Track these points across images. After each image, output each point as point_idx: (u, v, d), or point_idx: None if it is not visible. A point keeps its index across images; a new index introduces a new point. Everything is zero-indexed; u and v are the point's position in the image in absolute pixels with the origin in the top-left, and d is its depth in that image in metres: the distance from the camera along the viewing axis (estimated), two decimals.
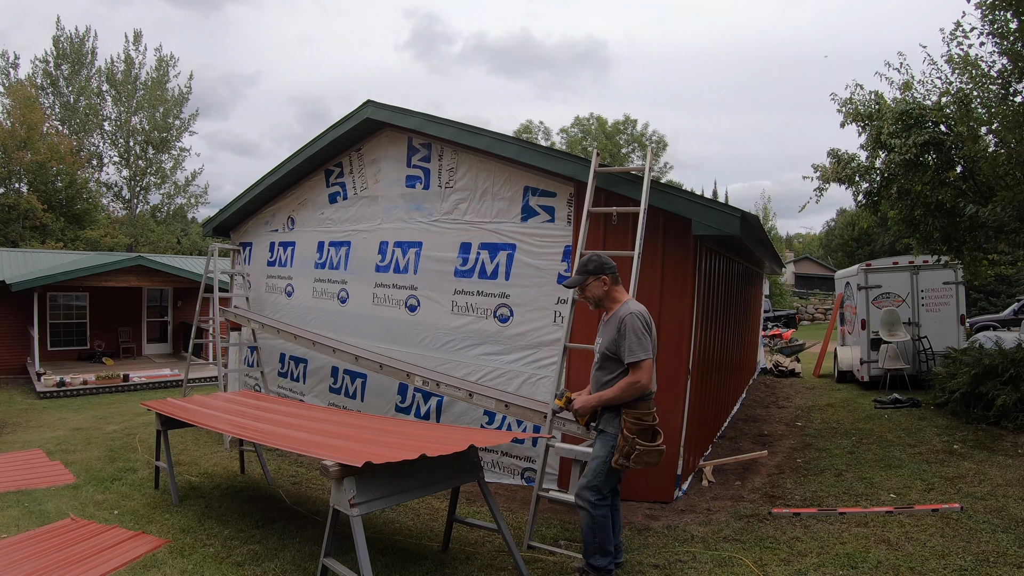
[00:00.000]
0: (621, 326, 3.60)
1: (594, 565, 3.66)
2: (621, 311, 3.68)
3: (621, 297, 3.80)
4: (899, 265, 10.67)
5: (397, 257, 6.63)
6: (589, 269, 3.78)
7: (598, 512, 3.61)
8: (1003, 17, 6.54)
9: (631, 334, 3.56)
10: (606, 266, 3.77)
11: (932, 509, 4.66)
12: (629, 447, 3.52)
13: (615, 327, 3.64)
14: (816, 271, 42.96)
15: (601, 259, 3.80)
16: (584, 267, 3.81)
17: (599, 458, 3.67)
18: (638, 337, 3.56)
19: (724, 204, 5.08)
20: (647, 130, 45.55)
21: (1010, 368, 7.18)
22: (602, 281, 3.76)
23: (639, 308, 3.70)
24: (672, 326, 5.12)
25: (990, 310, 22.31)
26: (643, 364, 3.55)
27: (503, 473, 5.75)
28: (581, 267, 3.84)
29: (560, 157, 5.64)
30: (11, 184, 25.66)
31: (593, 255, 3.87)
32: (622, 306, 3.73)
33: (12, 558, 4.15)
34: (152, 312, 16.94)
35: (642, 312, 3.68)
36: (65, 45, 29.95)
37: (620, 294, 3.82)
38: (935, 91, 7.48)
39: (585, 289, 3.81)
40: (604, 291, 3.78)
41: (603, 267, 3.76)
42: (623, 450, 3.55)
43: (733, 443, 7.12)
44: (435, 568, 3.96)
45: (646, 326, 3.64)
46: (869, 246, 34.82)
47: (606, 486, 3.65)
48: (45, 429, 8.93)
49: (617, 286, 3.81)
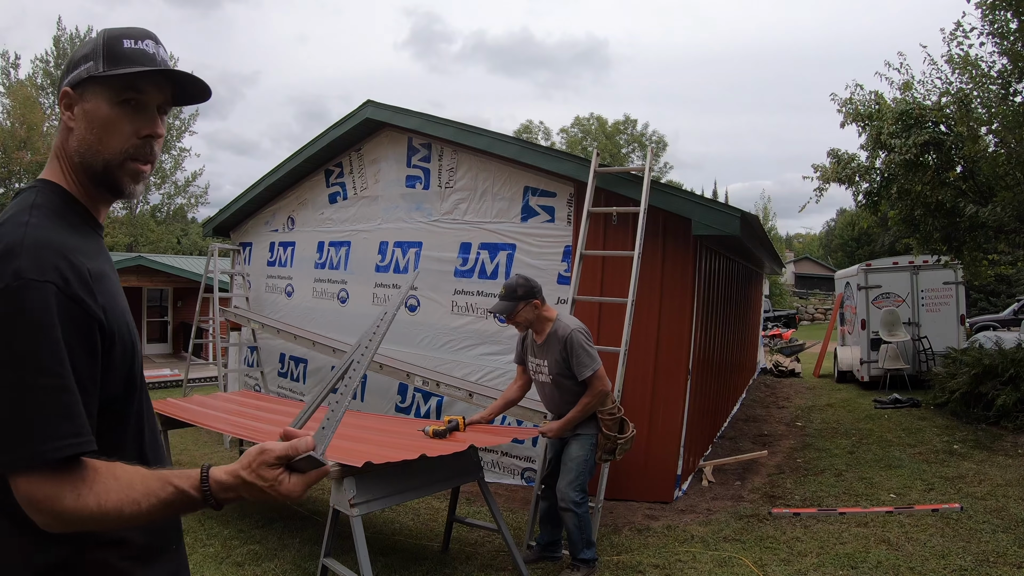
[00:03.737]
0: (565, 346, 3.62)
1: (584, 559, 3.75)
2: (559, 330, 3.68)
3: (551, 315, 3.78)
4: (899, 265, 10.66)
5: (397, 257, 6.63)
6: (519, 295, 3.67)
7: (582, 510, 3.70)
8: (1003, 17, 6.54)
9: (579, 351, 3.60)
10: (535, 289, 3.71)
11: (932, 509, 4.67)
12: (612, 443, 3.73)
13: (558, 348, 3.65)
14: (816, 271, 42.95)
15: (529, 282, 3.71)
16: (513, 293, 3.67)
17: (580, 458, 3.72)
18: (585, 351, 3.61)
19: (724, 204, 5.09)
20: (647, 130, 45.56)
21: (1010, 368, 7.18)
22: (533, 305, 3.70)
23: (576, 323, 3.74)
24: (672, 326, 5.12)
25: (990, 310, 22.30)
26: (598, 373, 3.62)
27: (503, 473, 5.75)
28: (509, 292, 3.69)
29: (560, 157, 5.64)
30: (11, 184, 25.67)
31: (519, 278, 3.75)
32: (556, 324, 3.72)
33: None
34: (152, 312, 16.94)
35: (578, 327, 3.71)
36: (66, 45, 29.92)
37: (550, 312, 3.80)
38: (935, 91, 7.48)
39: (516, 315, 3.70)
40: (536, 314, 3.73)
41: (532, 291, 3.69)
42: (605, 447, 3.74)
43: (733, 443, 7.12)
44: (435, 568, 3.96)
45: (587, 337, 3.69)
46: (869, 246, 34.79)
47: (586, 484, 3.78)
48: None
49: (545, 305, 3.78)
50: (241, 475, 1.01)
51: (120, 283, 1.18)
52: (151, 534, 1.13)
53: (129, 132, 1.12)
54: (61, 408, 0.94)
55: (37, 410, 0.93)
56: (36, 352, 0.94)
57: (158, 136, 1.16)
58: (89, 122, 1.11)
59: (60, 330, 0.96)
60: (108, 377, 1.05)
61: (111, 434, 1.08)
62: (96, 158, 1.12)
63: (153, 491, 0.99)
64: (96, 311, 1.02)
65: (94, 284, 1.03)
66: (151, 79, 1.13)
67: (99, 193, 1.16)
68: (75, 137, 1.12)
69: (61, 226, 1.06)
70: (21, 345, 0.94)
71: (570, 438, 3.78)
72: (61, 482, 0.94)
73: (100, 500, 0.96)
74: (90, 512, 0.95)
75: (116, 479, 0.98)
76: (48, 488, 0.93)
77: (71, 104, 1.13)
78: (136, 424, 1.15)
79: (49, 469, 0.94)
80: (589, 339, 3.71)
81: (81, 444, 0.95)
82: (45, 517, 0.95)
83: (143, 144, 1.14)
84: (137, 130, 1.13)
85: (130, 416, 1.13)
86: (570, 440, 3.77)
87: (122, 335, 1.08)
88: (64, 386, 0.95)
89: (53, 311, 0.96)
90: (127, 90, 1.11)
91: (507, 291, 3.72)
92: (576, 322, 3.77)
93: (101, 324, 1.03)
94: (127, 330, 1.11)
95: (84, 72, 1.11)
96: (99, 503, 0.95)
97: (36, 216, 1.04)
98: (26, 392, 0.93)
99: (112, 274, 1.15)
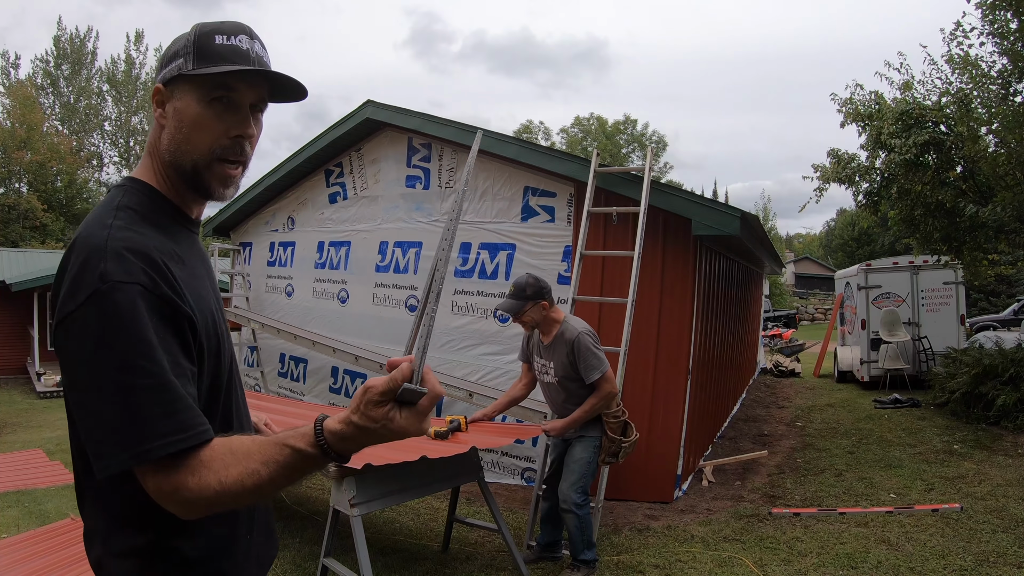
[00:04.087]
0: (572, 349, 3.59)
1: (584, 559, 3.75)
2: (566, 332, 3.64)
3: (559, 316, 3.74)
4: (899, 265, 10.66)
5: (397, 257, 6.63)
6: (528, 295, 3.61)
7: (584, 512, 3.69)
8: (1003, 17, 6.54)
9: (586, 354, 3.57)
10: (544, 290, 3.66)
11: (932, 509, 4.67)
12: (615, 446, 3.72)
13: (564, 351, 3.62)
14: (816, 271, 42.95)
15: (539, 282, 3.66)
16: (521, 292, 3.62)
17: (583, 460, 3.71)
18: (593, 354, 3.58)
19: (724, 204, 5.09)
20: (647, 130, 45.60)
21: (1010, 368, 7.18)
22: (540, 306, 3.65)
23: (583, 326, 3.69)
24: (672, 326, 5.12)
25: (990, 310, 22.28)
26: (606, 376, 3.59)
27: (503, 473, 5.75)
28: (518, 291, 3.63)
29: (560, 157, 5.64)
30: (11, 184, 25.66)
31: (529, 277, 3.69)
32: (564, 326, 3.68)
33: (12, 558, 4.15)
34: None
35: (586, 329, 3.67)
36: (66, 45, 29.93)
37: (557, 314, 3.76)
38: (935, 91, 7.49)
39: (522, 315, 3.65)
40: (543, 315, 3.69)
41: (542, 291, 3.64)
42: (609, 449, 3.73)
43: (733, 443, 7.12)
44: (435, 568, 3.96)
45: (595, 339, 3.66)
46: (869, 246, 34.82)
47: (588, 486, 3.77)
48: (45, 429, 8.93)
49: (553, 307, 3.75)
50: (352, 420, 0.96)
51: (212, 281, 1.20)
52: (223, 524, 1.14)
53: (219, 132, 1.11)
54: (166, 406, 0.95)
55: (144, 411, 0.94)
56: (135, 354, 0.94)
57: (249, 136, 1.14)
58: (179, 121, 1.10)
59: (152, 329, 0.96)
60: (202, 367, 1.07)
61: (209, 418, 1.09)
62: (185, 158, 1.11)
63: (271, 457, 0.97)
64: (185, 308, 1.03)
65: (180, 283, 1.04)
66: (243, 77, 1.10)
67: (190, 191, 1.16)
68: (166, 135, 1.11)
69: (147, 227, 1.06)
70: (121, 348, 0.94)
71: (574, 440, 3.77)
72: (178, 471, 0.95)
73: (220, 478, 0.96)
74: (214, 491, 0.95)
75: (233, 453, 0.98)
76: (171, 480, 0.95)
77: (163, 101, 1.12)
78: (224, 419, 1.15)
79: (163, 463, 0.95)
80: (597, 341, 3.68)
81: (187, 439, 0.96)
82: (177, 506, 0.97)
83: (233, 144, 1.12)
84: (227, 130, 1.11)
85: (216, 415, 1.12)
86: (574, 442, 3.77)
87: (209, 331, 1.09)
88: (161, 385, 0.96)
89: (143, 311, 0.96)
90: (217, 88, 1.09)
91: (516, 289, 3.65)
92: (583, 324, 3.73)
93: (191, 320, 1.04)
94: (215, 327, 1.12)
95: (175, 69, 1.10)
96: (220, 481, 0.96)
97: (120, 218, 1.04)
98: (132, 394, 0.94)
99: (203, 272, 1.16)
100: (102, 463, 0.95)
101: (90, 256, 0.98)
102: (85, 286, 0.96)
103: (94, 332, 0.95)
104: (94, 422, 0.96)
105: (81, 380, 0.97)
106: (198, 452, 0.97)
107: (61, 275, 1.01)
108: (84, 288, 0.96)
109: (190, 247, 1.16)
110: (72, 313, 0.96)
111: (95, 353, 0.94)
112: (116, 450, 0.94)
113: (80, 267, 0.98)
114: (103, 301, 0.95)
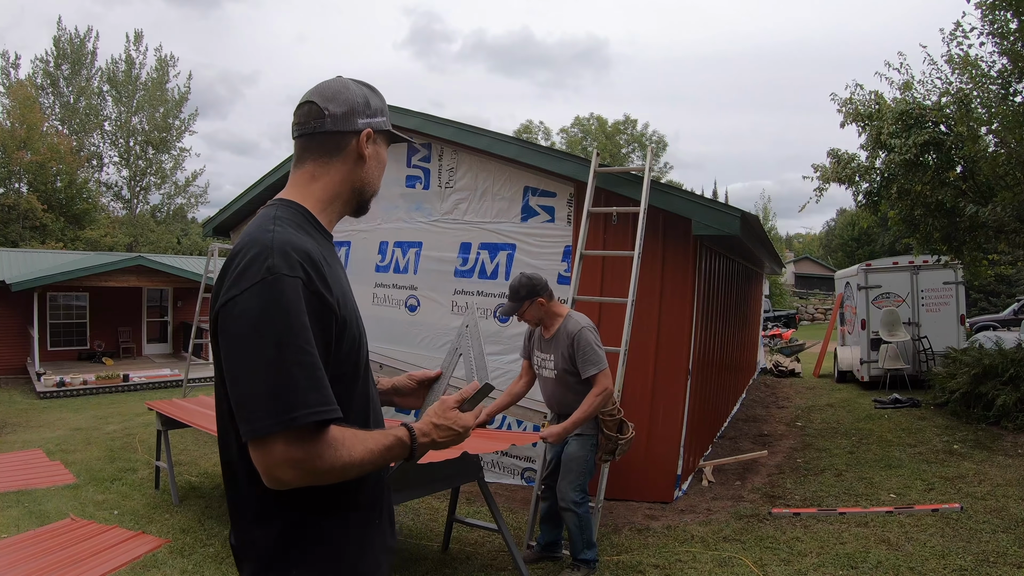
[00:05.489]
0: (573, 343, 3.62)
1: (584, 559, 3.76)
2: (569, 327, 3.68)
3: (561, 311, 3.78)
4: (899, 265, 10.66)
5: (397, 257, 6.63)
6: (522, 295, 3.67)
7: (582, 510, 3.70)
8: (1003, 17, 6.54)
9: (586, 349, 3.59)
10: (539, 287, 3.69)
11: (932, 509, 4.67)
12: (612, 444, 3.75)
13: (566, 344, 3.65)
14: (816, 271, 42.95)
15: (532, 281, 3.69)
16: (516, 294, 3.68)
17: (580, 459, 3.72)
18: (593, 350, 3.60)
19: (724, 204, 5.09)
20: (647, 130, 45.56)
21: (1010, 368, 7.18)
22: (539, 304, 3.70)
23: (586, 321, 3.72)
24: (672, 326, 5.12)
25: (990, 310, 22.31)
26: (604, 371, 3.61)
27: (503, 473, 5.75)
28: (513, 294, 3.70)
29: (560, 157, 5.64)
30: (11, 184, 25.65)
31: (522, 278, 3.72)
32: (567, 321, 3.72)
33: (12, 558, 4.15)
34: (152, 312, 16.93)
35: (589, 324, 3.71)
36: (66, 45, 29.92)
37: (559, 308, 3.80)
38: (935, 91, 7.48)
39: (523, 314, 3.72)
40: (544, 311, 3.73)
41: (536, 289, 3.68)
42: (606, 447, 3.75)
43: (733, 443, 7.12)
44: (435, 568, 3.96)
45: (596, 335, 3.69)
46: (869, 246, 34.84)
47: (586, 484, 3.78)
48: (45, 429, 8.93)
49: (553, 301, 3.78)
50: (433, 421, 1.35)
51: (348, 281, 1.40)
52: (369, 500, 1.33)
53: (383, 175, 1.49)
54: (314, 381, 1.11)
55: (295, 383, 1.09)
56: (291, 334, 1.10)
57: None
58: (378, 161, 1.44)
59: (307, 318, 1.13)
60: (339, 359, 1.23)
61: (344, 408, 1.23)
62: (372, 189, 1.45)
63: (379, 440, 1.23)
64: (332, 303, 1.20)
65: (330, 281, 1.22)
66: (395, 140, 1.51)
67: (344, 212, 1.45)
68: (367, 170, 1.42)
69: (300, 233, 1.25)
70: (279, 328, 1.10)
71: (571, 438, 3.77)
72: (314, 442, 1.11)
73: (351, 452, 1.17)
74: (344, 463, 1.15)
75: (355, 435, 1.20)
76: (307, 448, 1.10)
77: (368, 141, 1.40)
78: (361, 404, 1.33)
79: (302, 433, 1.10)
80: (598, 338, 3.71)
81: (332, 411, 1.13)
82: (297, 473, 1.11)
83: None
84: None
85: (355, 396, 1.30)
86: (570, 440, 3.77)
87: (351, 325, 1.28)
88: (314, 363, 1.12)
89: (302, 301, 1.13)
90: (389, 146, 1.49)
91: (511, 292, 3.72)
92: (586, 320, 3.76)
93: (335, 315, 1.21)
94: (356, 323, 1.32)
95: (382, 124, 1.43)
96: (350, 454, 1.16)
97: (280, 224, 1.23)
98: (285, 368, 1.09)
99: (343, 274, 1.36)
100: (250, 427, 1.09)
101: (259, 253, 1.15)
102: (252, 276, 1.13)
103: (255, 313, 1.11)
104: (248, 391, 1.10)
105: (238, 355, 1.12)
106: (331, 429, 1.14)
107: (225, 272, 1.19)
108: (251, 277, 1.13)
109: (331, 252, 1.36)
110: (236, 297, 1.13)
111: (255, 330, 1.10)
112: (265, 416, 1.08)
113: (249, 261, 1.15)
114: (268, 289, 1.12)
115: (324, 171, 1.38)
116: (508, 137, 5.85)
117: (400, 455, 1.27)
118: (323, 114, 1.36)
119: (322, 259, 1.23)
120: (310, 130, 1.36)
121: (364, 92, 1.42)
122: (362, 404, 1.33)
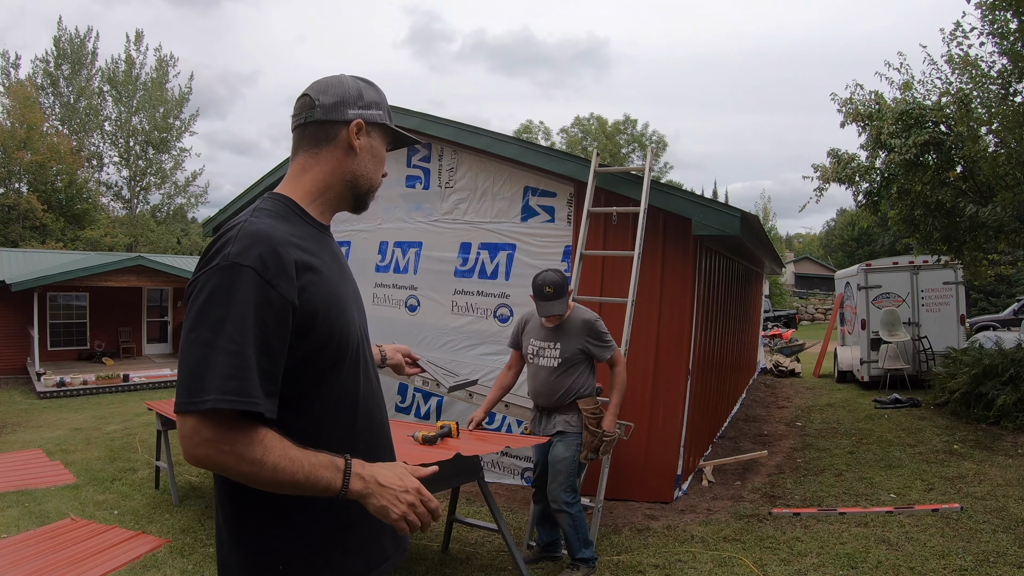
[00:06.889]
0: (589, 329, 3.79)
1: (582, 558, 3.76)
2: (585, 316, 3.85)
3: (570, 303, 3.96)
4: (899, 265, 10.66)
5: (397, 257, 6.63)
6: (568, 289, 3.82)
7: (575, 510, 3.71)
8: (1003, 17, 6.54)
9: (604, 335, 3.81)
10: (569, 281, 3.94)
11: (932, 509, 4.67)
12: (597, 440, 3.75)
13: (580, 331, 3.80)
14: (816, 271, 42.96)
15: (564, 275, 3.82)
16: (563, 289, 3.75)
17: (566, 459, 3.74)
18: (608, 335, 3.84)
19: (724, 204, 5.09)
20: (647, 130, 45.54)
21: (1010, 368, 7.18)
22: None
23: (592, 312, 3.96)
24: (672, 326, 5.12)
25: (990, 310, 22.30)
26: (618, 350, 3.88)
27: (503, 473, 5.75)
28: (559, 290, 3.73)
29: (560, 157, 5.64)
30: (11, 184, 25.65)
31: (557, 275, 3.76)
32: (576, 310, 3.89)
33: (12, 558, 4.15)
34: (152, 312, 16.93)
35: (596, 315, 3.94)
36: (65, 45, 29.91)
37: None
38: (935, 91, 7.49)
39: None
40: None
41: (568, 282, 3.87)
42: (592, 444, 3.76)
43: (733, 443, 7.12)
44: (435, 568, 3.96)
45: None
46: (869, 246, 34.85)
47: (576, 483, 3.79)
48: (45, 429, 8.94)
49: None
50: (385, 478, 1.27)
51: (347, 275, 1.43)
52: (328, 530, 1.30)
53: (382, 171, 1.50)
54: (236, 370, 1.11)
55: (215, 368, 1.10)
56: (225, 320, 1.12)
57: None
58: (373, 155, 1.44)
59: (252, 307, 1.14)
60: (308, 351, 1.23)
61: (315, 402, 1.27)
62: (367, 183, 1.44)
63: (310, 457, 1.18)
64: (290, 295, 1.19)
65: (299, 272, 1.22)
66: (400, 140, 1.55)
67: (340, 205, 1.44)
68: (359, 162, 1.41)
69: (278, 225, 1.26)
70: (218, 314, 1.13)
71: (555, 439, 3.77)
72: (234, 431, 1.12)
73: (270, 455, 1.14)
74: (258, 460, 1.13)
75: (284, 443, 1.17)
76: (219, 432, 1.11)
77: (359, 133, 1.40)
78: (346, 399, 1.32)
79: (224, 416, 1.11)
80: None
81: (249, 403, 1.11)
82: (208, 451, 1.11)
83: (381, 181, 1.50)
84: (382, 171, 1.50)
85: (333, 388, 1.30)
86: (555, 441, 3.77)
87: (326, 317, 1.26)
88: (240, 353, 1.12)
89: (250, 291, 1.14)
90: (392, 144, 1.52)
91: (557, 289, 3.71)
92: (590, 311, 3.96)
93: (292, 306, 1.20)
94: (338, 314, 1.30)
95: (377, 116, 1.43)
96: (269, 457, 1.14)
97: (256, 215, 1.26)
98: (211, 352, 1.11)
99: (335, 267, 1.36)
100: (175, 403, 1.13)
101: (224, 241, 1.19)
102: (209, 261, 1.18)
103: (203, 297, 1.15)
104: (181, 367, 1.15)
105: (184, 333, 1.16)
106: (259, 428, 1.14)
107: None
108: (207, 263, 1.18)
109: (321, 245, 1.35)
110: (194, 280, 1.19)
111: (199, 312, 1.14)
112: (183, 394, 1.11)
113: (215, 250, 1.19)
114: (218, 275, 1.15)
115: (314, 161, 1.39)
116: (508, 137, 5.85)
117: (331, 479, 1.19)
118: (314, 104, 1.37)
119: (298, 248, 1.24)
120: (302, 121, 1.38)
121: (359, 85, 1.43)
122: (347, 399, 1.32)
